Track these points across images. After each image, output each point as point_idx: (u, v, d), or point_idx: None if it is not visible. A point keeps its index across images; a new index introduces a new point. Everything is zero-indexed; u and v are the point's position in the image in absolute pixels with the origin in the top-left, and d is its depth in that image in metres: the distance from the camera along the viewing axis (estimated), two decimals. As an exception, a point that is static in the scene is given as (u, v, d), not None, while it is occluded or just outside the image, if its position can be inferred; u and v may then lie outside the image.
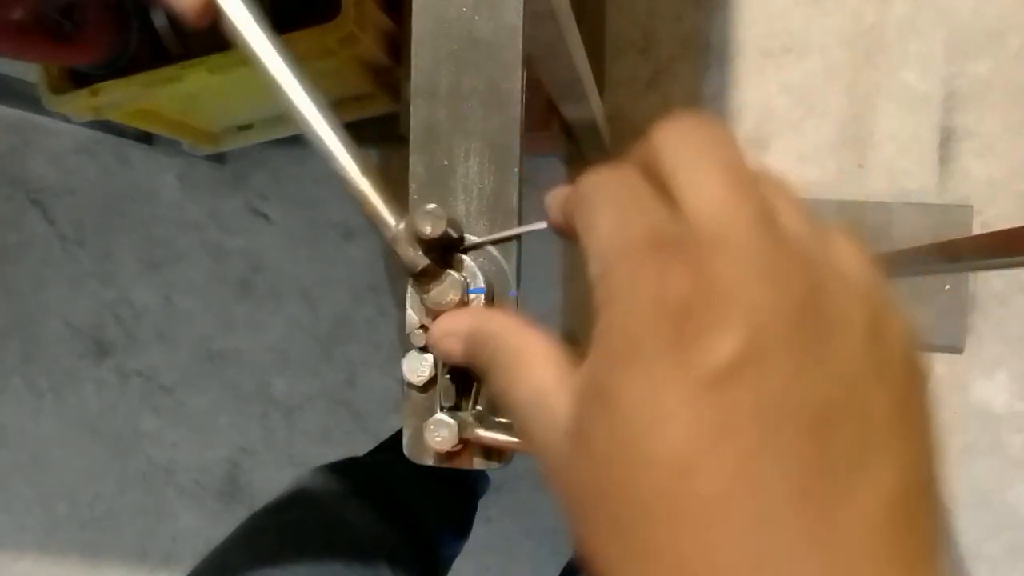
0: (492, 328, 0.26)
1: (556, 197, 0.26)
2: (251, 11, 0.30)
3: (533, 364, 0.24)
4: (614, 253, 0.20)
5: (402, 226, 0.28)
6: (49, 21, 0.70)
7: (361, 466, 0.75)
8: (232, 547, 0.56)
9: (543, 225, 0.27)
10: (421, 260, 0.28)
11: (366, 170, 0.29)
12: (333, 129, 0.29)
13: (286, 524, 0.59)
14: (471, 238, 0.30)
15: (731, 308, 0.18)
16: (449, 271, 0.29)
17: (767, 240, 0.19)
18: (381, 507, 0.65)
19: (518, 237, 0.31)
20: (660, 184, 0.21)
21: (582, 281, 1.04)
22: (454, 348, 0.28)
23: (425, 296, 0.29)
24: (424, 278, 0.29)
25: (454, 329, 0.28)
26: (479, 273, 0.30)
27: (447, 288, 0.29)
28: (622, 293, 0.19)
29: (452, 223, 0.29)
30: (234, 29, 0.30)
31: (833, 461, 0.17)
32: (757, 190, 0.20)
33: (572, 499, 0.21)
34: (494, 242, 0.31)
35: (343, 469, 0.70)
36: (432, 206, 0.28)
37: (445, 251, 0.30)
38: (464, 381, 0.31)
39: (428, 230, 0.28)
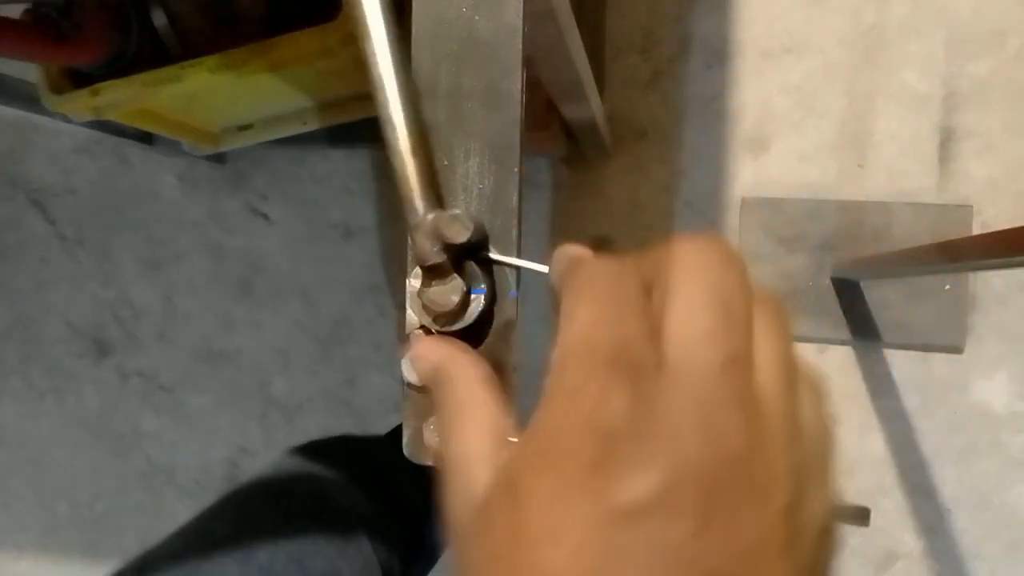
0: (452, 373, 0.27)
1: (562, 258, 0.26)
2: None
3: (469, 425, 0.24)
4: (576, 352, 0.20)
5: (430, 217, 0.28)
6: (48, 21, 0.70)
7: (352, 443, 0.75)
8: (216, 515, 0.56)
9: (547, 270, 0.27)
10: (434, 256, 0.28)
11: (417, 150, 0.29)
12: (403, 102, 0.29)
13: (271, 495, 0.59)
14: (493, 253, 0.30)
15: (658, 450, 0.18)
16: (455, 275, 0.29)
17: (726, 387, 0.19)
18: (367, 485, 0.65)
19: (519, 243, 0.31)
20: (659, 294, 0.21)
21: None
22: (423, 373, 0.28)
23: (424, 291, 0.29)
24: (431, 274, 0.29)
25: (427, 356, 0.28)
26: (480, 273, 0.30)
27: (448, 291, 0.29)
28: (565, 397, 0.20)
29: (478, 230, 0.28)
30: None
31: None
32: (743, 332, 0.20)
33: (460, 569, 0.21)
34: (509, 265, 0.31)
35: (334, 445, 0.70)
36: (459, 212, 0.28)
37: (461, 254, 0.30)
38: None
39: (450, 234, 0.28)
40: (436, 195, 0.29)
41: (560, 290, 0.24)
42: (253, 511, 0.57)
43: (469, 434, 0.24)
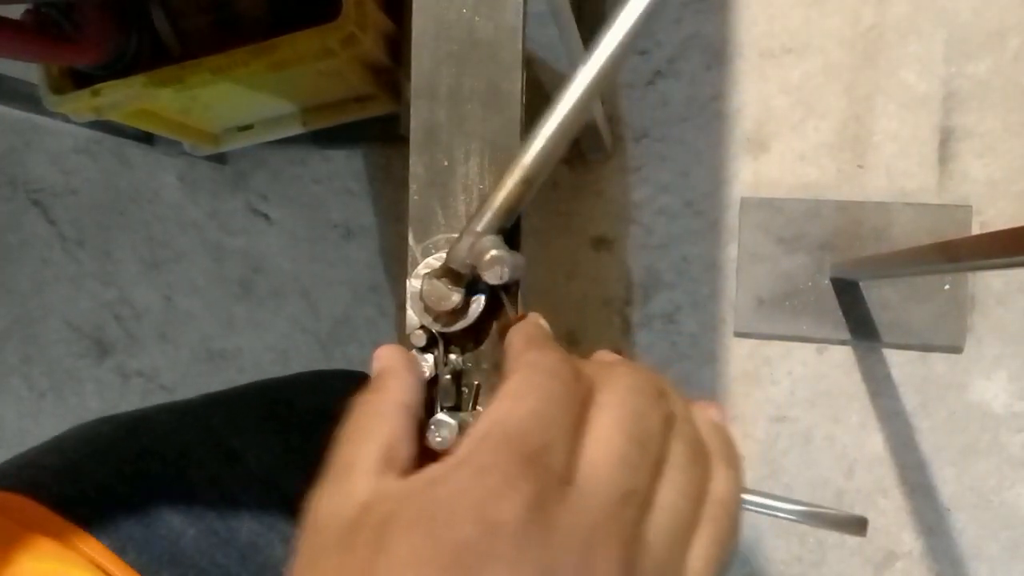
0: (386, 383, 0.27)
1: (535, 326, 0.27)
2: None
3: (370, 436, 0.25)
4: (504, 431, 0.21)
5: (485, 239, 0.27)
6: (50, 21, 0.70)
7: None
8: (215, 403, 0.55)
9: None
10: (461, 268, 0.28)
11: (530, 181, 0.28)
12: (559, 137, 0.28)
13: (271, 401, 0.58)
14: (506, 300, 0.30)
15: (531, 561, 0.18)
16: (462, 289, 0.29)
17: (618, 521, 0.20)
18: None
19: (519, 243, 0.31)
20: (590, 409, 0.22)
21: (582, 281, 1.04)
22: (372, 371, 0.29)
23: (430, 280, 0.29)
24: (444, 272, 0.29)
25: (379, 358, 0.29)
26: (480, 274, 0.30)
27: (451, 292, 0.29)
28: (471, 469, 0.20)
29: (511, 278, 0.28)
30: None
31: None
32: (650, 469, 0.21)
33: (300, 565, 0.22)
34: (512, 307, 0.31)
35: (349, 376, 0.70)
36: (505, 256, 0.27)
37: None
38: (464, 380, 0.31)
39: (484, 269, 0.27)
40: (505, 225, 0.28)
41: (518, 352, 0.25)
42: (251, 412, 0.55)
43: (365, 444, 0.24)
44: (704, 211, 1.02)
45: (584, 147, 0.97)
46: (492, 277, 0.27)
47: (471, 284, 0.30)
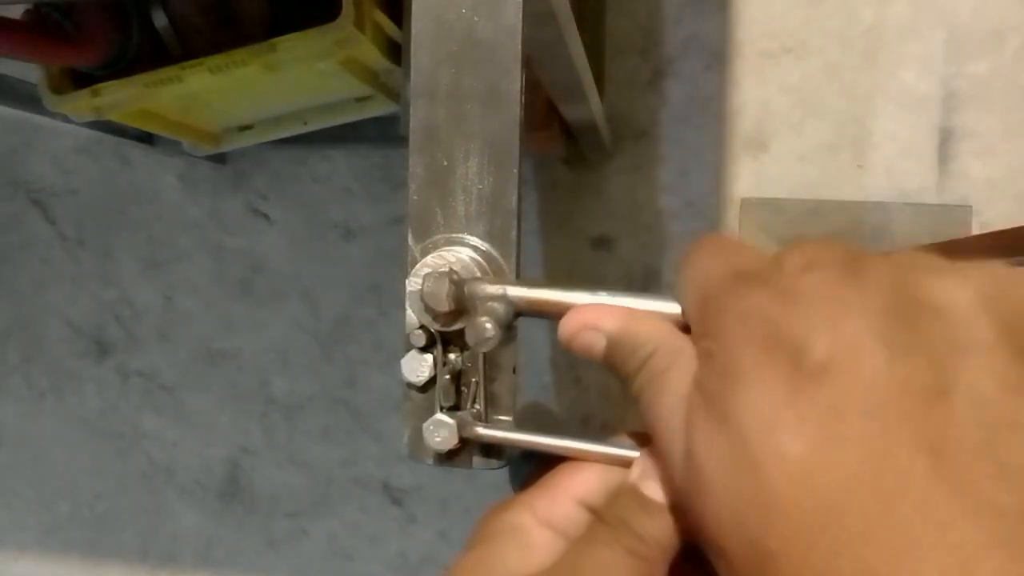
0: (643, 331, 0.25)
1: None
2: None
3: (677, 373, 0.23)
4: (711, 287, 0.23)
5: (504, 310, 0.28)
6: (49, 21, 0.70)
7: None
8: None
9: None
10: (468, 299, 0.29)
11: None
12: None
13: None
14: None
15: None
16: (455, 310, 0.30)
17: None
18: None
19: (518, 243, 0.31)
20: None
21: (582, 281, 1.04)
22: (595, 345, 0.26)
23: (437, 280, 0.29)
24: (457, 283, 0.29)
25: (597, 324, 0.26)
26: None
27: (446, 301, 0.29)
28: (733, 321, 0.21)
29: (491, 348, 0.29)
30: None
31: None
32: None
33: (693, 503, 0.21)
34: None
35: None
36: (496, 339, 0.27)
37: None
38: (463, 380, 0.31)
39: (471, 330, 0.27)
40: (527, 313, 0.29)
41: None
42: None
43: (679, 381, 0.23)
44: (704, 211, 1.02)
45: (584, 147, 0.97)
46: (471, 338, 0.27)
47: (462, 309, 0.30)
